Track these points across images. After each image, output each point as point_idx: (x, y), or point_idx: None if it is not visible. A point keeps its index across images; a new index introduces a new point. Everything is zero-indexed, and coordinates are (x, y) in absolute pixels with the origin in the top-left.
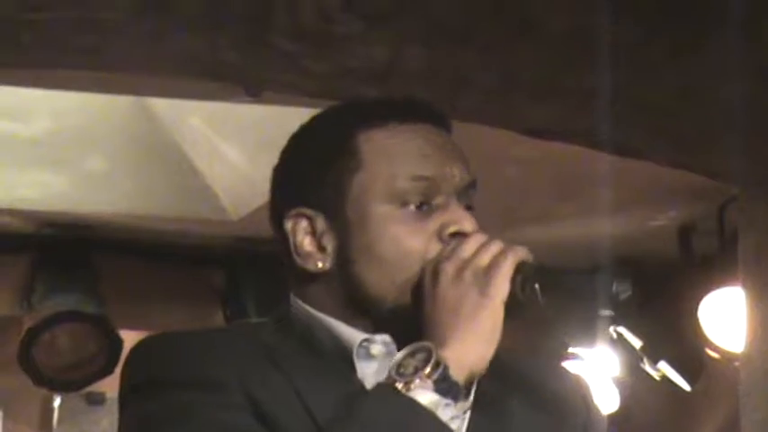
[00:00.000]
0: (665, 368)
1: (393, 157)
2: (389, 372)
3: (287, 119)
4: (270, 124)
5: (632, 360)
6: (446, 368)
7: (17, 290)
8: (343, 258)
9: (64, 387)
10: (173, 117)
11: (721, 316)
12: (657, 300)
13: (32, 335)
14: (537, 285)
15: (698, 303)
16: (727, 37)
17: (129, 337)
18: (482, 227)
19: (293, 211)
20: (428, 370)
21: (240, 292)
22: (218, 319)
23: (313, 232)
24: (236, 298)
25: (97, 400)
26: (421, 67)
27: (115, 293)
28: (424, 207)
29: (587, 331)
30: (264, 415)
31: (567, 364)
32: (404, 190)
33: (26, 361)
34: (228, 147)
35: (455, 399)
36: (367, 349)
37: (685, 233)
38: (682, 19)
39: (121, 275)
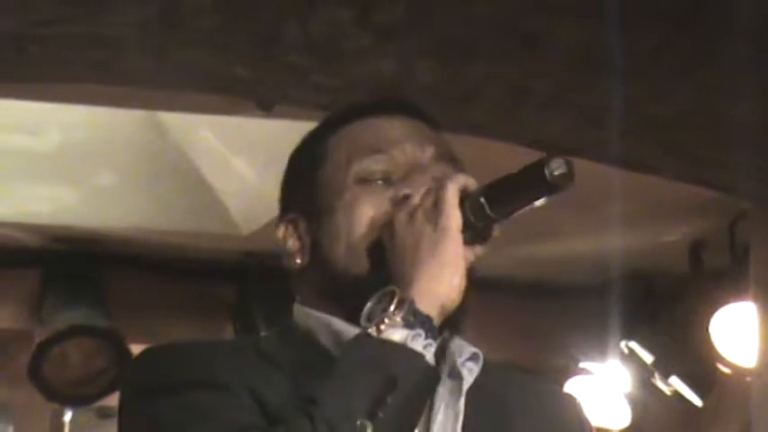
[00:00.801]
0: (676, 383)
1: (352, 142)
2: (361, 322)
3: (298, 133)
4: (281, 138)
5: (643, 375)
6: (412, 303)
7: (27, 304)
8: (316, 248)
9: (74, 401)
10: (183, 131)
11: (733, 331)
12: (668, 315)
13: (43, 349)
14: (483, 200)
15: (709, 318)
16: (737, 51)
17: (139, 352)
18: (493, 241)
19: (283, 218)
20: (393, 309)
21: (250, 307)
22: (228, 333)
23: (297, 234)
24: (246, 312)
25: (108, 414)
26: (430, 81)
27: (125, 308)
28: (386, 183)
29: (598, 346)
30: (270, 415)
31: (569, 383)
32: (363, 168)
33: (36, 375)
34: (239, 161)
35: (427, 331)
36: None
37: (696, 248)
38: (692, 33)
39: (131, 290)
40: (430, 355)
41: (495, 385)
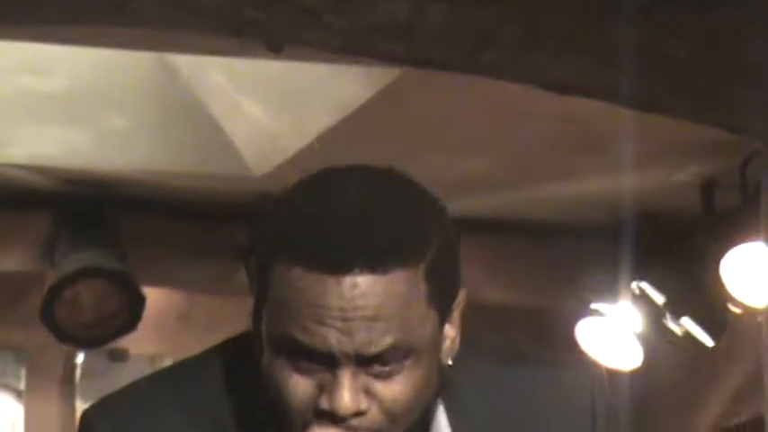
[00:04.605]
0: (687, 324)
1: (284, 308)
2: None
3: (309, 74)
4: (292, 79)
5: (655, 316)
6: None
7: (39, 246)
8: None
9: (86, 343)
10: (194, 73)
11: (744, 271)
12: (679, 256)
13: (55, 291)
14: None
15: (720, 259)
16: None
17: (151, 294)
18: (505, 182)
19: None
20: None
21: None
22: (240, 274)
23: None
24: None
25: (120, 357)
26: (443, 23)
27: (137, 250)
28: (313, 360)
29: (609, 287)
30: None
31: (580, 324)
32: (284, 346)
33: (48, 317)
34: (250, 102)
35: None
36: None
37: (707, 188)
38: None
39: (143, 232)
40: None
41: None
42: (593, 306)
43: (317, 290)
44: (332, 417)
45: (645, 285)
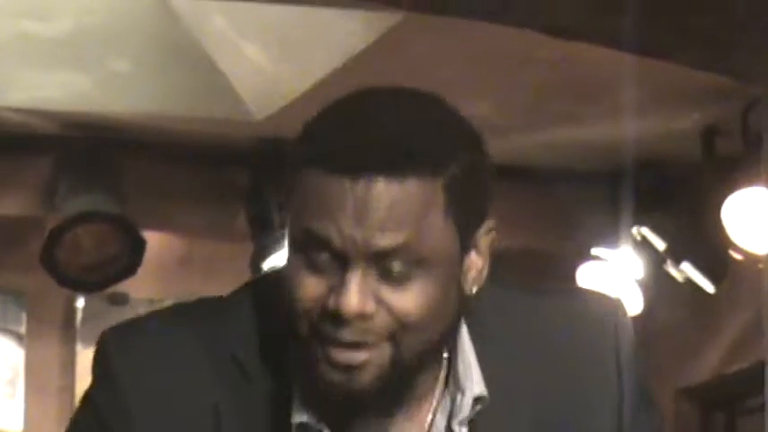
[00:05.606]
0: (688, 270)
1: (303, 205)
2: None
3: (310, 18)
4: (293, 24)
5: (656, 262)
6: None
7: (40, 190)
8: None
9: (87, 287)
10: (196, 17)
11: (745, 217)
12: (681, 202)
13: (55, 235)
14: None
15: (721, 205)
16: None
17: (152, 238)
18: (507, 128)
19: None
20: None
21: (263, 192)
22: (241, 219)
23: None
24: (259, 198)
25: (120, 301)
26: None
27: (138, 194)
28: (323, 258)
29: (610, 232)
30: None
31: (581, 270)
32: (301, 240)
33: (49, 261)
34: (252, 46)
35: None
36: None
37: (709, 134)
38: None
39: (144, 176)
40: None
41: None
42: (593, 251)
43: (333, 190)
44: (337, 317)
45: (646, 231)
